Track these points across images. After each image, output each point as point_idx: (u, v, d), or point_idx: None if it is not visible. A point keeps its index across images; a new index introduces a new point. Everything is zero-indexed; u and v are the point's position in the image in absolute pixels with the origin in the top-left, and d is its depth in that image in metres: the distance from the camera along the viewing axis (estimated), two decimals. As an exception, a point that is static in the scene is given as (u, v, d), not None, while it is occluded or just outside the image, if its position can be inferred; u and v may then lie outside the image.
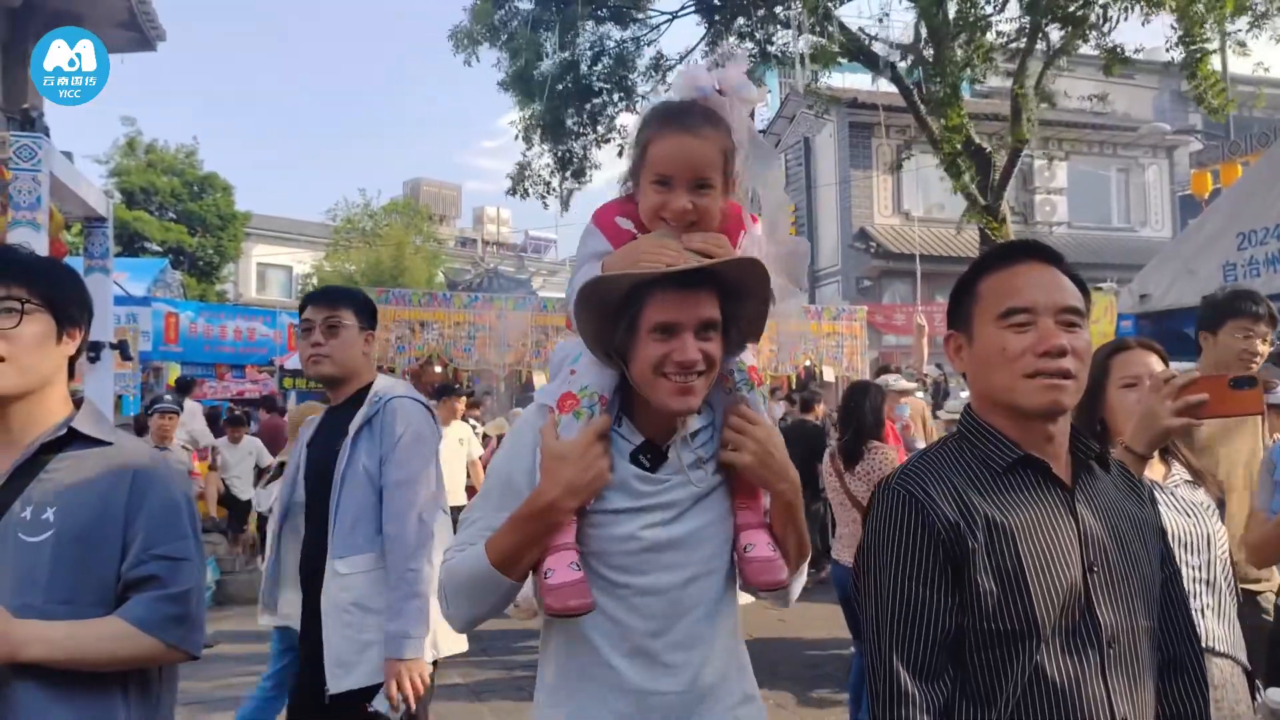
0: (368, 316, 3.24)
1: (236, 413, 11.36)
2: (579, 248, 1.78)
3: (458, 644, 3.23)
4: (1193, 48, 11.03)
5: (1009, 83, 12.76)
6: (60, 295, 1.83)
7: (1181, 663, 1.67)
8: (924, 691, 1.50)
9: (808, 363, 12.52)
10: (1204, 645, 1.90)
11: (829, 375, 12.52)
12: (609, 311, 1.63)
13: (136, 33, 9.44)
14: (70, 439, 1.82)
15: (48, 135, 6.66)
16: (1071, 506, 1.57)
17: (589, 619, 1.64)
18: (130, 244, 25.70)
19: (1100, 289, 15.65)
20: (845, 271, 19.49)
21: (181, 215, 28.49)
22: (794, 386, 12.01)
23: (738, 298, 1.65)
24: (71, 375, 1.91)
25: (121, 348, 8.34)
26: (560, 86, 14.34)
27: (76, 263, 8.52)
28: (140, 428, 9.17)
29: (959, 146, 12.23)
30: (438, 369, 11.51)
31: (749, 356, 1.80)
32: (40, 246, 6.18)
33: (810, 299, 19.54)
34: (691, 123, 1.68)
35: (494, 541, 1.63)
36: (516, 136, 15.32)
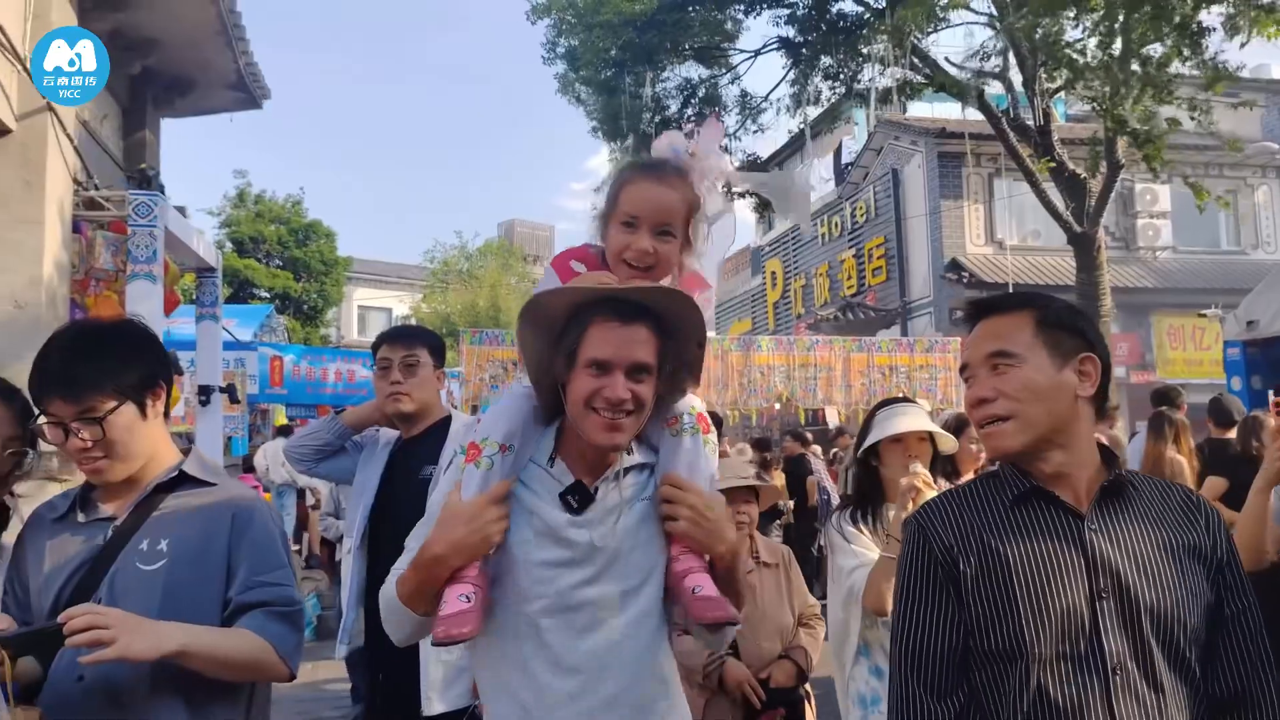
0: (439, 354, 3.39)
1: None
2: (537, 290, 1.85)
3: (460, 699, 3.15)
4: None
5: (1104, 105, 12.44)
6: (131, 377, 1.98)
7: (1246, 697, 1.61)
8: (934, 706, 1.59)
9: (901, 396, 12.34)
10: None
11: (924, 408, 12.32)
12: (548, 336, 1.71)
13: (244, 93, 9.95)
14: (181, 480, 2.05)
15: (163, 193, 7.08)
16: (1081, 535, 1.61)
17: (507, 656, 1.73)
18: (241, 290, 26.87)
19: (1204, 315, 15.07)
20: (937, 303, 19.14)
21: (287, 262, 29.69)
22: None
23: (675, 337, 1.72)
24: (166, 416, 2.11)
25: (230, 391, 8.73)
26: (647, 128, 14.57)
27: (188, 311, 8.98)
28: (248, 466, 9.50)
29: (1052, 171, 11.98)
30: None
31: (698, 402, 1.87)
32: (156, 298, 6.56)
33: (902, 331, 19.25)
34: (662, 173, 1.83)
35: (401, 579, 1.73)
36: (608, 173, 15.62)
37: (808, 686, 3.44)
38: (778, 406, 12.34)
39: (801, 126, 15.38)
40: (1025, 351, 1.64)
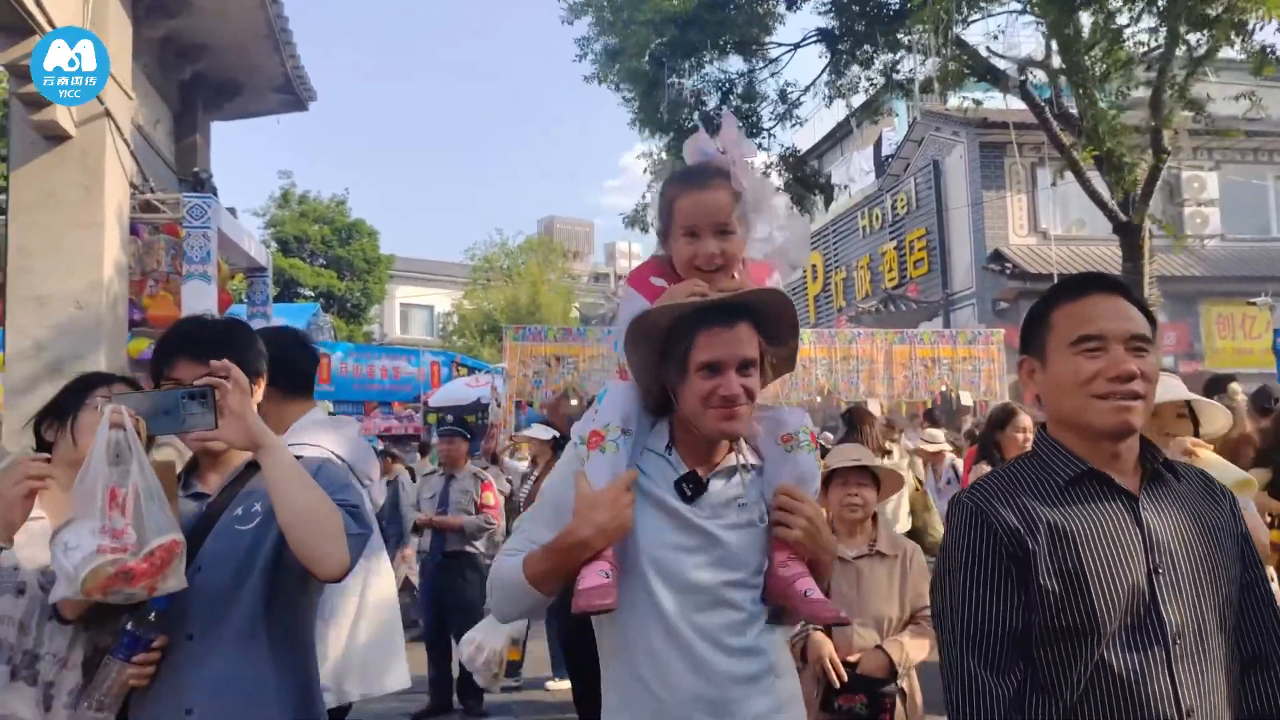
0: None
1: (381, 449, 11.89)
2: (620, 311, 2.00)
3: (398, 681, 3.45)
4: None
5: (1149, 93, 12.27)
6: (246, 359, 2.18)
7: (1266, 659, 1.75)
8: (994, 683, 1.64)
9: (943, 388, 12.27)
10: None
11: (966, 400, 12.25)
12: (654, 348, 1.85)
13: (290, 95, 10.15)
14: None
15: (215, 195, 7.27)
16: (1136, 513, 1.70)
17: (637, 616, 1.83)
18: (286, 289, 27.31)
19: (1254, 304, 14.82)
20: (980, 294, 18.97)
21: (331, 261, 30.11)
22: (929, 413, 11.79)
23: (773, 329, 1.86)
24: None
25: (280, 388, 8.90)
26: (687, 123, 14.58)
27: (240, 310, 9.20)
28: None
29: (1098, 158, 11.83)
30: (573, 402, 11.81)
31: (809, 420, 2.00)
32: (210, 297, 6.74)
33: (945, 323, 19.10)
34: (706, 179, 1.95)
35: (532, 560, 1.85)
36: (645, 170, 15.63)
37: (905, 685, 3.33)
38: (819, 400, 12.32)
39: (841, 119, 15.29)
40: (1152, 345, 1.73)
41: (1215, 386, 6.82)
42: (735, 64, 15.33)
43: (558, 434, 8.37)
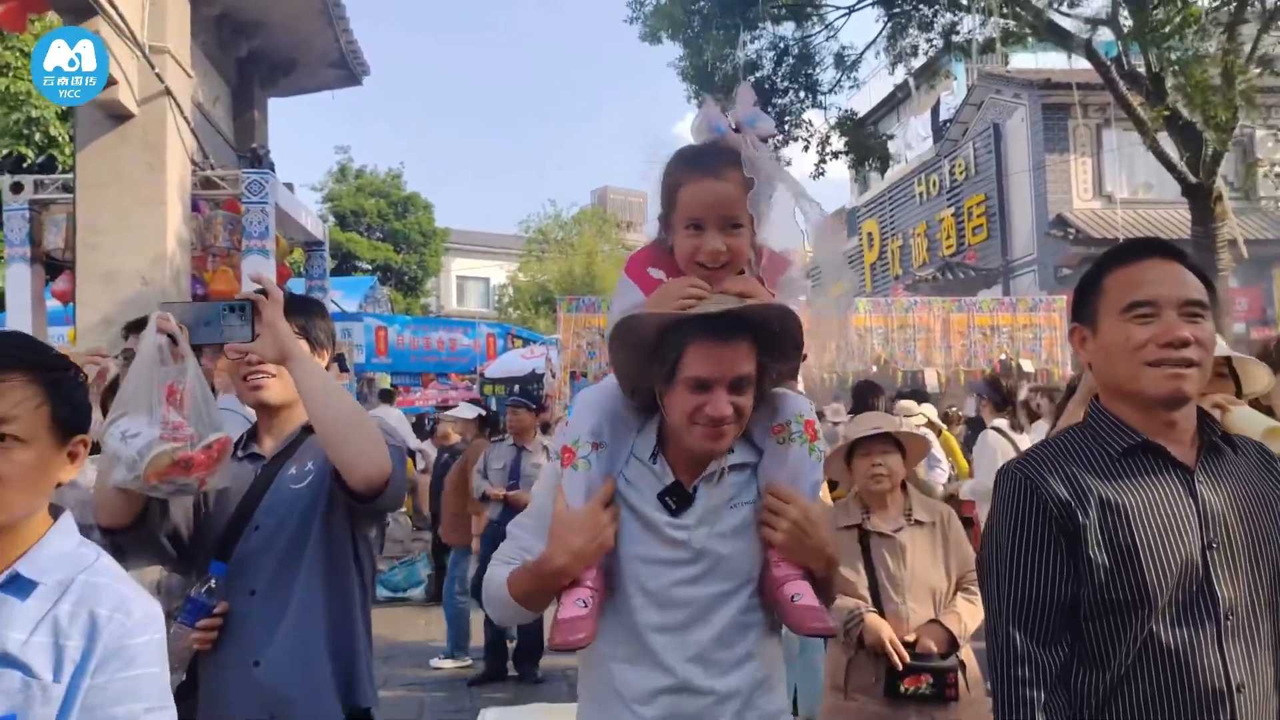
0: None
1: (435, 421, 12.06)
2: (615, 301, 1.84)
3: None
4: None
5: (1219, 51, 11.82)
6: (311, 324, 2.36)
7: None
8: (1039, 655, 1.62)
9: (1003, 356, 12.06)
10: None
11: (1027, 367, 12.02)
12: (642, 352, 1.69)
13: (345, 70, 10.23)
14: None
15: (273, 170, 7.38)
16: (1191, 487, 1.65)
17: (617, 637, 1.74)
18: (344, 263, 27.72)
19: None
20: (1041, 261, 18.54)
21: (388, 234, 30.47)
22: (990, 380, 11.58)
23: (774, 346, 1.69)
24: None
25: (339, 360, 9.07)
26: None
27: (298, 283, 9.36)
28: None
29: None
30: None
31: (805, 406, 1.82)
32: (269, 271, 6.86)
33: (1004, 290, 18.72)
34: (715, 165, 1.73)
35: (516, 580, 1.77)
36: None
37: (963, 656, 3.20)
38: (874, 369, 12.18)
39: (898, 83, 14.99)
40: (1207, 311, 1.68)
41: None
42: (789, 29, 15.10)
43: (483, 413, 8.37)
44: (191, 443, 1.93)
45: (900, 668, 3.05)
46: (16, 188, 6.94)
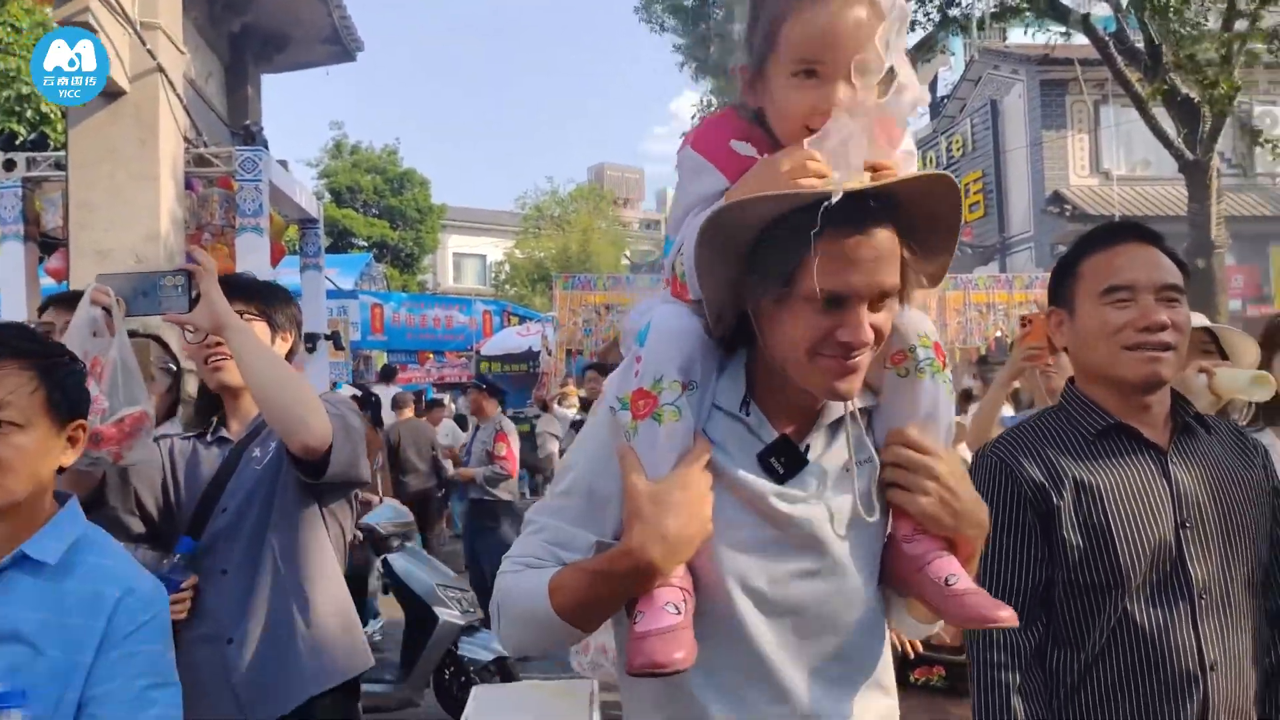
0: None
1: (435, 397, 12.09)
2: (679, 190, 1.34)
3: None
4: None
5: (1218, 24, 11.77)
6: (273, 309, 2.41)
7: None
8: (1014, 637, 1.64)
9: (998, 334, 12.08)
10: None
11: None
12: (732, 261, 1.21)
13: (338, 45, 10.16)
14: None
15: (267, 147, 7.34)
16: (1165, 468, 1.68)
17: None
18: (340, 240, 27.63)
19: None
20: (1038, 238, 18.53)
21: (384, 211, 30.36)
22: (983, 360, 11.62)
23: (925, 235, 1.23)
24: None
25: (334, 338, 9.09)
26: (736, 64, 14.29)
27: (293, 261, 9.33)
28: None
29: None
30: (623, 350, 11.84)
31: (929, 326, 1.35)
32: (263, 249, 6.84)
33: (1000, 267, 18.73)
34: None
35: (565, 586, 1.23)
36: (693, 116, 15.34)
37: None
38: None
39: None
40: (1183, 295, 1.70)
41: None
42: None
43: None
44: (102, 416, 1.93)
45: (911, 656, 3.02)
46: (9, 165, 6.90)
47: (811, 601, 1.28)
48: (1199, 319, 2.74)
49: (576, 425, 8.80)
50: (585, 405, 8.19)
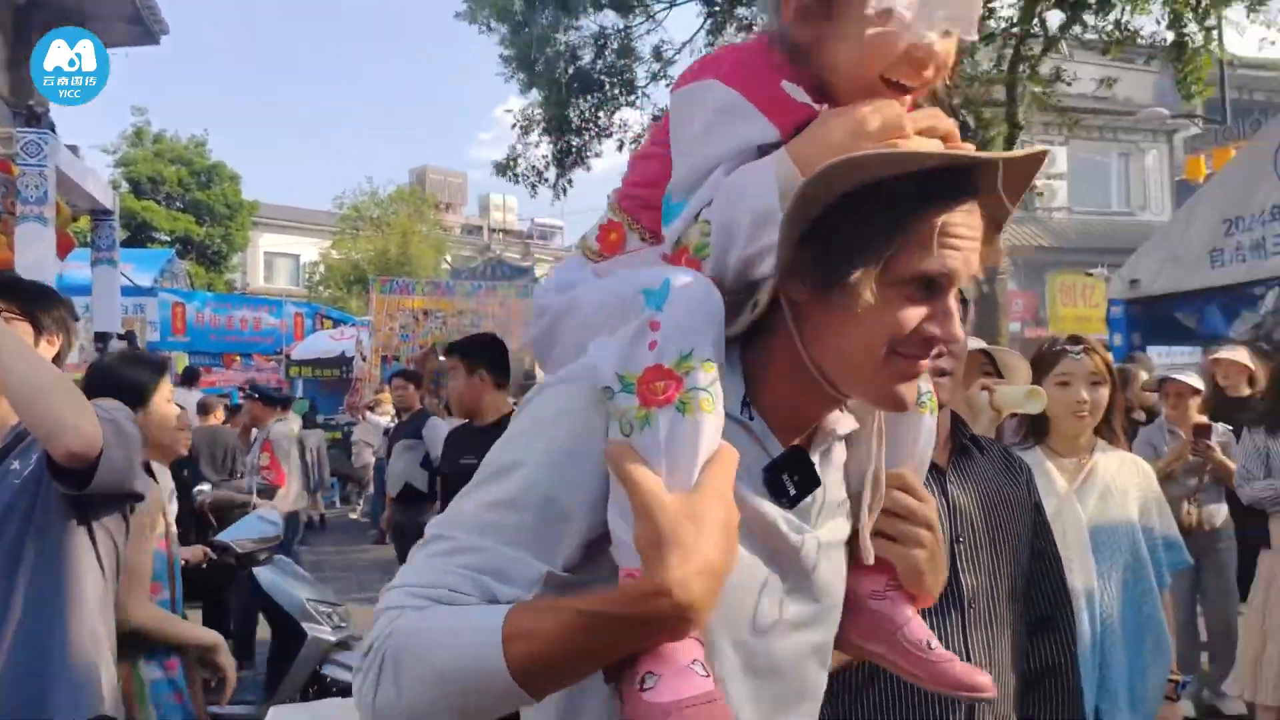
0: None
1: (240, 402, 11.55)
2: (692, 136, 1.02)
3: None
4: (1183, 31, 11.10)
5: (1004, 66, 12.80)
6: (35, 312, 2.24)
7: (1051, 621, 1.93)
8: None
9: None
10: None
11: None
12: (803, 224, 0.95)
13: (140, 26, 9.59)
14: None
15: (53, 130, 6.84)
16: (944, 486, 1.81)
17: None
18: (138, 233, 25.92)
19: (1091, 274, 15.76)
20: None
21: (189, 205, 28.71)
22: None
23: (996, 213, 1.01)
24: (59, 364, 2.28)
25: (129, 338, 8.53)
26: (562, 77, 14.35)
27: (83, 254, 8.70)
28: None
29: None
30: (441, 358, 11.68)
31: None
32: (48, 241, 6.36)
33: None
34: None
35: (531, 632, 0.85)
36: (513, 126, 15.00)
37: None
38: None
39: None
40: (963, 317, 1.82)
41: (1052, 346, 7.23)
42: (612, 18, 15.18)
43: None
44: None
45: None
46: None
47: (795, 660, 1.05)
48: (976, 342, 3.02)
49: (389, 433, 8.60)
50: (399, 413, 7.93)
